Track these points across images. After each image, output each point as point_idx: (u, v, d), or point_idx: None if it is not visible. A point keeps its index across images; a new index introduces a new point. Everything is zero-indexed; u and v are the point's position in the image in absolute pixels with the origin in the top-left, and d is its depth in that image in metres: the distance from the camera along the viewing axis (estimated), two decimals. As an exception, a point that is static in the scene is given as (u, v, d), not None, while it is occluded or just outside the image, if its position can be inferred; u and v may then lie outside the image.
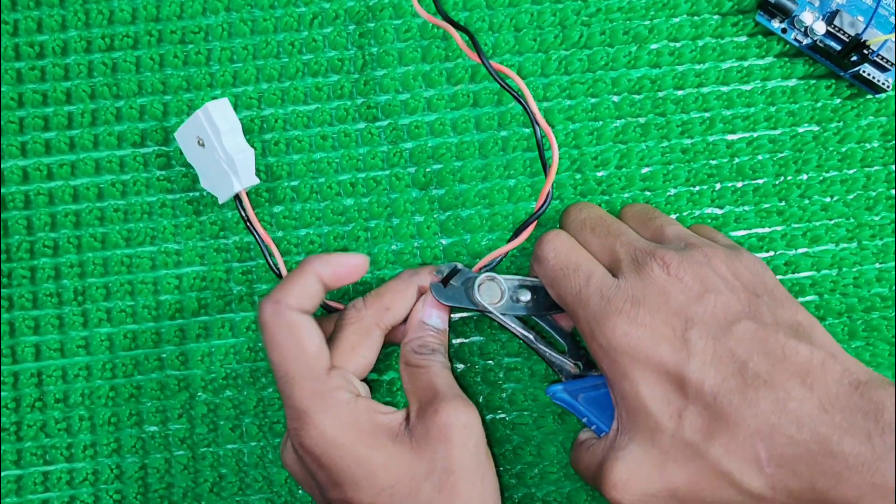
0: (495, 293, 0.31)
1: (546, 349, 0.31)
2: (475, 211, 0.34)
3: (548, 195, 0.30)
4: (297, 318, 0.27)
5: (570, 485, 0.33)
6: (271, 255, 0.31)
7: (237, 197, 0.31)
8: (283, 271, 0.31)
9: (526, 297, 0.31)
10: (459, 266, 0.31)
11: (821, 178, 0.35)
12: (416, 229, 0.34)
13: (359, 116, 0.34)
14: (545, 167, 0.31)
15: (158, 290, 0.33)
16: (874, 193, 0.35)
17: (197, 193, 0.34)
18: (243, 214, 0.31)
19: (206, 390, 0.33)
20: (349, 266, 0.29)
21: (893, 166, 0.35)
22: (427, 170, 0.34)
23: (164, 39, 0.34)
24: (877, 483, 0.23)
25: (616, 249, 0.29)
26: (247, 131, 0.34)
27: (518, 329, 0.31)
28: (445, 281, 0.30)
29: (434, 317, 0.31)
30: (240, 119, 0.34)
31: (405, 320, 0.31)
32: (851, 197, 0.35)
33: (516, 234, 0.31)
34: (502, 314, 0.30)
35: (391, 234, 0.34)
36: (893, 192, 0.35)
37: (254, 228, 0.31)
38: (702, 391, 0.25)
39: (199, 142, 0.30)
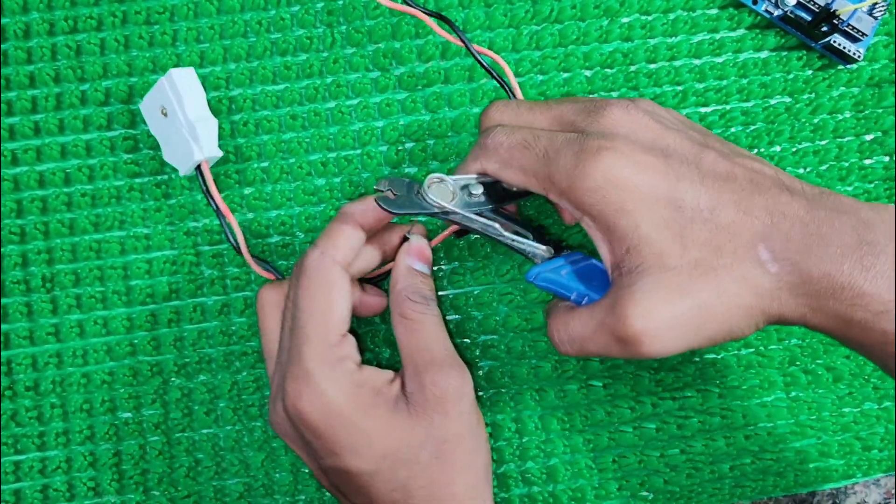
0: (446, 194, 0.29)
1: (514, 237, 0.29)
2: (448, 189, 0.34)
3: None
4: (337, 274, 0.27)
5: (549, 460, 0.33)
6: (231, 229, 0.30)
7: (198, 168, 0.30)
8: (243, 245, 0.31)
9: (478, 190, 0.29)
10: (400, 178, 0.29)
11: (794, 149, 0.35)
12: (389, 208, 0.33)
13: (329, 95, 0.34)
14: None
15: (128, 275, 0.33)
16: (847, 164, 0.35)
17: (165, 176, 0.33)
18: (203, 186, 0.30)
19: (179, 375, 0.33)
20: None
21: (866, 136, 0.35)
22: (399, 148, 0.34)
23: (129, 20, 0.34)
24: (867, 240, 0.24)
25: (564, 114, 0.28)
26: (215, 112, 0.33)
27: (482, 221, 0.29)
28: (391, 192, 0.28)
29: (421, 262, 0.30)
30: (208, 100, 0.33)
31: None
32: (824, 168, 0.35)
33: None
34: (460, 211, 0.29)
35: (364, 213, 0.33)
36: (866, 162, 0.35)
37: (213, 200, 0.30)
38: (698, 208, 0.25)
39: (162, 111, 0.30)
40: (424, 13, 0.32)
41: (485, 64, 0.31)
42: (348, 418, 0.26)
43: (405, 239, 0.31)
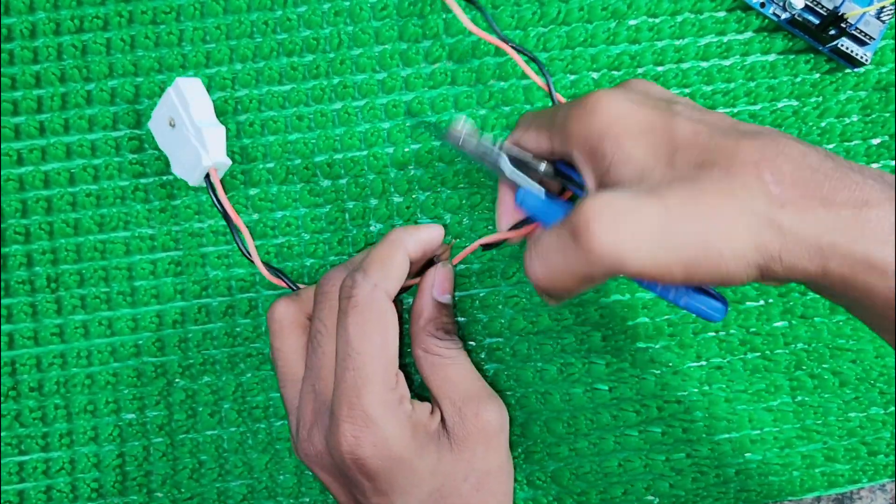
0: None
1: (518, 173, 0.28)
2: (454, 191, 0.33)
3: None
4: (388, 308, 0.26)
5: (554, 464, 0.33)
6: (242, 237, 0.30)
7: (207, 176, 0.30)
8: (255, 254, 0.30)
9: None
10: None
11: (801, 153, 0.34)
12: (395, 210, 0.33)
13: (335, 96, 0.34)
14: None
15: (133, 275, 0.33)
16: (854, 168, 0.34)
17: (170, 177, 0.33)
18: (213, 195, 0.30)
19: (183, 376, 0.33)
20: (433, 239, 0.28)
21: (873, 140, 0.35)
22: (405, 149, 0.34)
23: (135, 20, 0.34)
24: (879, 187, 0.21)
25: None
26: (221, 112, 0.33)
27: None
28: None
29: (446, 293, 0.29)
30: (213, 100, 0.33)
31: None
32: (831, 172, 0.34)
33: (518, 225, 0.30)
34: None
35: (369, 215, 0.33)
36: (873, 166, 0.35)
37: (223, 209, 0.30)
38: (695, 137, 0.22)
39: (170, 122, 0.30)
40: (514, 49, 0.31)
41: (559, 98, 0.31)
42: (408, 461, 0.26)
43: (430, 261, 0.30)
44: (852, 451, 0.33)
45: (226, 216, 0.30)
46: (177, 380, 0.33)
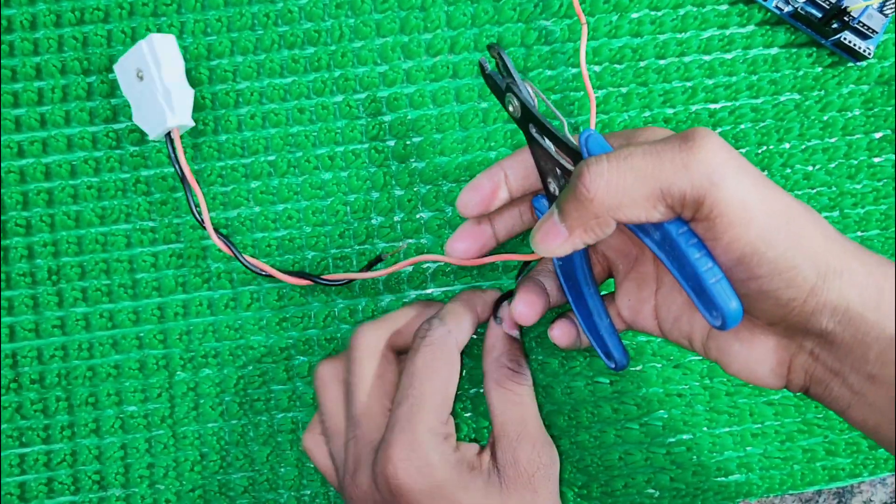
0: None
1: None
2: (456, 184, 0.33)
3: None
4: (456, 354, 0.28)
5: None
6: (195, 199, 0.30)
7: (168, 135, 0.30)
8: (207, 218, 0.30)
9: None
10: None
11: (803, 146, 0.34)
12: (397, 203, 0.33)
13: (336, 89, 0.34)
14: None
15: (134, 268, 0.33)
16: (856, 162, 0.34)
17: (171, 170, 0.33)
18: (172, 154, 0.30)
19: (185, 369, 0.33)
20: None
21: (875, 134, 0.35)
22: (407, 142, 0.34)
23: (136, 12, 0.34)
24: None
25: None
26: (222, 105, 0.33)
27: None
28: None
29: (515, 328, 0.30)
30: (214, 92, 0.33)
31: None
32: (833, 165, 0.34)
33: None
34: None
35: (371, 207, 0.33)
36: (875, 160, 0.35)
37: (181, 169, 0.30)
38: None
39: (138, 73, 0.30)
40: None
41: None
42: (449, 492, 0.26)
43: (499, 302, 0.30)
44: (853, 444, 0.33)
45: (182, 178, 0.30)
46: (179, 372, 0.33)
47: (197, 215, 0.30)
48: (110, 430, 0.32)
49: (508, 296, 0.30)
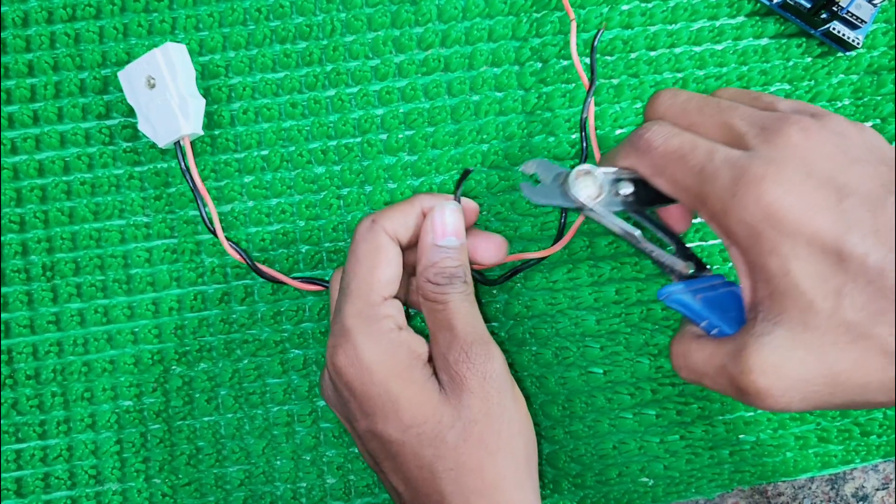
0: (593, 188, 0.27)
1: (654, 248, 0.27)
2: (449, 176, 0.34)
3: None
4: (384, 241, 0.28)
5: (550, 447, 0.33)
6: (207, 209, 0.30)
7: (178, 143, 0.30)
8: (217, 226, 0.30)
9: (627, 190, 0.27)
10: (549, 162, 0.27)
11: (793, 136, 0.35)
12: (390, 196, 0.34)
13: (328, 83, 0.34)
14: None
15: (128, 263, 0.33)
16: (846, 151, 0.35)
17: (165, 165, 0.33)
18: (183, 163, 0.30)
19: (180, 363, 0.33)
20: (452, 204, 0.28)
21: (865, 123, 0.35)
22: (399, 136, 0.34)
23: (128, 8, 0.34)
24: None
25: (735, 124, 0.24)
26: (214, 100, 0.33)
27: (622, 226, 0.27)
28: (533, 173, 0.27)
29: (447, 235, 0.28)
30: (207, 88, 0.33)
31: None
32: (824, 155, 0.35)
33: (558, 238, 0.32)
34: (602, 210, 0.27)
35: (364, 201, 0.33)
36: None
37: (192, 179, 0.30)
38: (865, 266, 0.21)
39: (149, 81, 0.30)
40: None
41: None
42: (379, 378, 0.26)
43: (461, 181, 0.28)
44: (845, 431, 0.34)
45: (193, 187, 0.30)
46: (174, 366, 0.33)
47: (209, 225, 0.31)
48: (106, 425, 0.32)
49: (469, 173, 0.28)
